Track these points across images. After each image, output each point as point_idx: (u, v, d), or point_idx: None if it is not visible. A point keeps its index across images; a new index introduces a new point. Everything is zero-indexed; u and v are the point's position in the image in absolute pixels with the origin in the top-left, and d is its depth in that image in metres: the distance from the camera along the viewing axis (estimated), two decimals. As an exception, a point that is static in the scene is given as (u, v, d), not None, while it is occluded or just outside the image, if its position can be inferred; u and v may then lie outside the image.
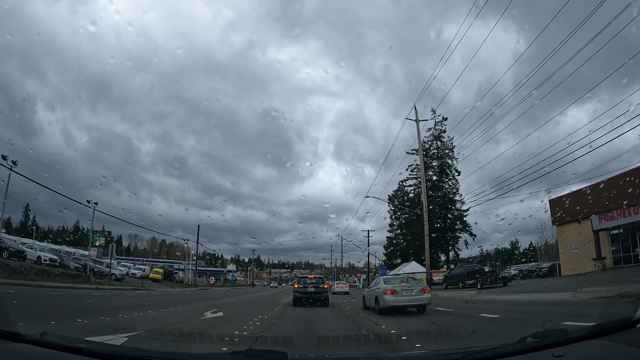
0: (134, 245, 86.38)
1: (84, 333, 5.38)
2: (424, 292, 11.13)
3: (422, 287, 11.43)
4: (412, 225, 44.78)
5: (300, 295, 14.58)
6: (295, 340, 5.87)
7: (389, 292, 11.03)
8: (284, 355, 2.14)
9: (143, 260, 57.89)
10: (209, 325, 7.75)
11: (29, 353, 1.99)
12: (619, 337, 1.92)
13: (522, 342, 2.07)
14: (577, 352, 1.90)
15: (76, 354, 1.98)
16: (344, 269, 79.48)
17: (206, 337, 5.88)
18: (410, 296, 10.96)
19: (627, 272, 16.67)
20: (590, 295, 11.30)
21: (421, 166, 30.31)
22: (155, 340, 5.49)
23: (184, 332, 6.24)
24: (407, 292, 11.01)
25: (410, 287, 11.28)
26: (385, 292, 11.09)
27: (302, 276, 16.97)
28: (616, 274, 16.97)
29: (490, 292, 19.18)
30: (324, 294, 14.73)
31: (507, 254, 58.82)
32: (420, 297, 11.00)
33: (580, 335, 2.02)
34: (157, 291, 27.13)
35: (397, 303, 10.88)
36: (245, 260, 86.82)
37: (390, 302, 10.89)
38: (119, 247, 79.24)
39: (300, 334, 6.72)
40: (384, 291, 11.15)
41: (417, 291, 11.12)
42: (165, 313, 10.63)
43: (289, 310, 12.39)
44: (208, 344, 5.60)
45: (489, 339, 5.61)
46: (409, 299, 10.95)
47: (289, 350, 4.64)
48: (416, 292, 11.10)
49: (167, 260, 71.20)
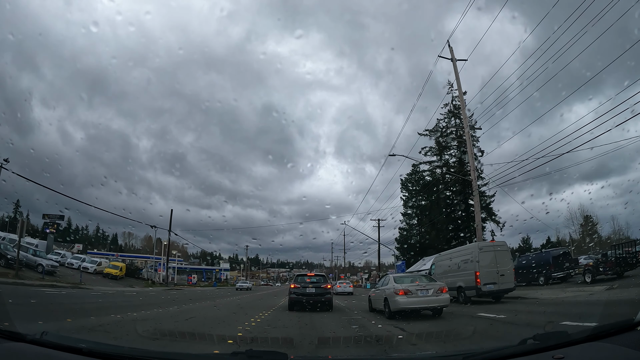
0: (130, 243, 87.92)
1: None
2: (441, 292, 10.56)
3: (440, 287, 10.78)
4: (432, 213, 43.04)
5: (297, 297, 13.19)
6: (296, 341, 6.29)
7: (401, 292, 10.37)
8: (284, 356, 2.33)
9: (117, 255, 57.04)
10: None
11: (30, 353, 2.21)
12: (619, 339, 2.12)
13: (523, 344, 2.22)
14: (578, 354, 2.08)
15: (76, 353, 2.21)
16: (344, 269, 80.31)
17: (206, 336, 6.36)
18: (426, 297, 10.36)
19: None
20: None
21: (463, 115, 24.01)
22: (154, 341, 6.00)
23: (184, 332, 6.74)
24: (422, 293, 10.42)
25: (426, 286, 10.70)
26: (396, 293, 10.42)
27: (299, 274, 15.35)
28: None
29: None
30: (326, 295, 13.33)
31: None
32: (438, 298, 10.44)
33: (581, 337, 2.22)
34: (76, 290, 21.57)
35: (411, 305, 10.26)
36: (244, 260, 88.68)
37: (403, 304, 10.27)
38: (114, 244, 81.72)
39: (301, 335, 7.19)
40: (396, 291, 10.49)
41: (434, 291, 10.49)
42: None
43: (279, 317, 10.85)
44: (208, 344, 6.04)
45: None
46: (425, 301, 10.34)
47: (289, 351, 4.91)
48: (432, 292, 10.47)
49: (140, 255, 70.22)
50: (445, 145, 44.68)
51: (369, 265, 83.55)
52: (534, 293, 15.83)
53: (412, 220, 48.46)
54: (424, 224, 44.85)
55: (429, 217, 43.14)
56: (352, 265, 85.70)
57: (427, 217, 43.67)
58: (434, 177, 45.34)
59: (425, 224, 44.32)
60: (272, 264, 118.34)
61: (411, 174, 48.10)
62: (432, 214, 42.75)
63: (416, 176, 47.59)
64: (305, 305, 12.88)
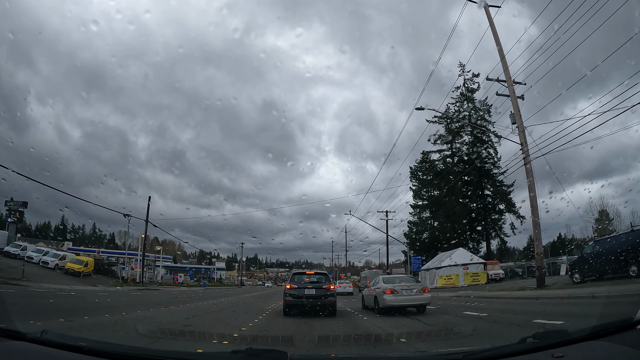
0: (127, 243, 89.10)
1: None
2: (424, 292, 12.91)
3: (422, 287, 13.44)
4: (447, 204, 42.53)
5: (294, 300, 12.25)
6: (296, 339, 6.87)
7: (388, 291, 12.56)
8: (284, 354, 2.52)
9: (99, 252, 56.25)
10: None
11: (30, 351, 2.42)
12: (619, 338, 2.31)
13: (523, 342, 2.43)
14: (578, 353, 2.28)
15: (76, 352, 2.42)
16: (344, 269, 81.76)
17: (206, 336, 6.94)
18: (410, 296, 12.56)
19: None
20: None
21: (504, 67, 19.79)
22: (154, 340, 6.49)
23: (184, 331, 7.28)
24: (407, 292, 12.61)
25: (410, 286, 12.93)
26: (384, 292, 12.65)
27: (297, 272, 14.46)
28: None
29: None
30: (329, 298, 12.39)
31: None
32: (421, 296, 12.67)
33: (581, 336, 2.42)
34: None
35: (397, 303, 12.43)
36: (242, 260, 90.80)
37: (390, 301, 12.42)
38: (110, 244, 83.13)
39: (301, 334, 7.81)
40: (384, 290, 12.73)
41: (417, 291, 12.79)
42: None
43: (273, 325, 9.99)
44: (208, 343, 6.55)
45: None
46: (409, 299, 12.55)
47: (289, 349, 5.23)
48: (416, 291, 12.74)
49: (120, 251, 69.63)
50: (457, 132, 44.08)
51: (369, 265, 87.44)
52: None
53: (424, 212, 48.16)
54: (438, 216, 44.56)
55: (444, 207, 42.74)
56: (352, 265, 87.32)
57: (443, 207, 43.21)
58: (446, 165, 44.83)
59: (440, 216, 44.01)
60: (272, 263, 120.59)
61: (421, 162, 47.50)
62: (448, 204, 42.38)
63: (426, 164, 47.22)
64: (303, 309, 12.04)
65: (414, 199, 47.90)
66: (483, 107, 41.02)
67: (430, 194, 47.28)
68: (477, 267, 34.36)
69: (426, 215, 48.39)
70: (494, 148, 43.25)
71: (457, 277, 33.82)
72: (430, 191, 47.29)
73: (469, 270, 33.87)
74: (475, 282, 32.50)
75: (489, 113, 41.41)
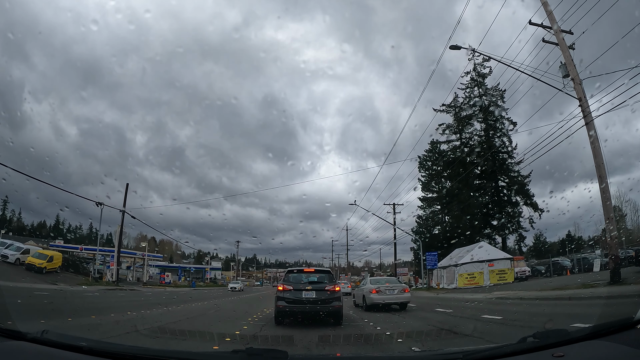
0: (125, 242, 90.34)
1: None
2: (404, 292, 16.06)
3: (403, 287, 16.63)
4: (461, 195, 42.52)
5: (288, 305, 10.43)
6: (296, 338, 7.46)
7: (374, 291, 15.64)
8: (284, 354, 2.74)
9: (82, 248, 56.26)
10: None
11: (30, 351, 2.64)
12: (619, 337, 2.53)
13: (523, 342, 2.68)
14: (578, 353, 2.49)
15: (77, 352, 2.64)
16: (344, 269, 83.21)
17: (207, 335, 7.49)
18: (392, 295, 15.66)
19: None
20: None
21: (551, 21, 18.02)
22: (155, 339, 7.08)
23: (184, 330, 7.89)
24: (389, 292, 15.72)
25: (392, 287, 16.12)
26: (370, 291, 15.74)
27: (292, 269, 12.46)
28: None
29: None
30: (333, 302, 10.53)
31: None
32: (401, 295, 15.79)
33: (581, 335, 2.66)
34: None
35: (381, 301, 15.43)
36: (240, 259, 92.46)
37: (375, 299, 15.46)
38: (108, 244, 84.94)
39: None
40: (370, 290, 15.83)
41: (398, 291, 15.91)
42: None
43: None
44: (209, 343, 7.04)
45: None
46: (392, 298, 15.65)
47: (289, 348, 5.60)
48: (397, 291, 15.84)
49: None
50: (467, 120, 43.82)
51: (369, 265, 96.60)
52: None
53: (434, 205, 48.47)
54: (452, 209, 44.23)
55: (458, 198, 42.75)
56: (352, 265, 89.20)
57: (456, 198, 43.22)
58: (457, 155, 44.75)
59: (453, 209, 43.74)
60: (271, 264, 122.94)
61: (430, 152, 47.57)
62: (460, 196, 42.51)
63: (435, 154, 47.45)
64: (301, 317, 10.49)
65: (422, 191, 48.14)
66: (496, 93, 41.36)
67: (440, 186, 47.50)
68: (503, 263, 32.81)
69: (437, 208, 48.55)
70: (508, 136, 43.54)
71: (481, 275, 32.43)
72: (440, 183, 47.51)
73: (494, 267, 32.37)
74: (502, 281, 30.98)
75: (502, 98, 41.84)
